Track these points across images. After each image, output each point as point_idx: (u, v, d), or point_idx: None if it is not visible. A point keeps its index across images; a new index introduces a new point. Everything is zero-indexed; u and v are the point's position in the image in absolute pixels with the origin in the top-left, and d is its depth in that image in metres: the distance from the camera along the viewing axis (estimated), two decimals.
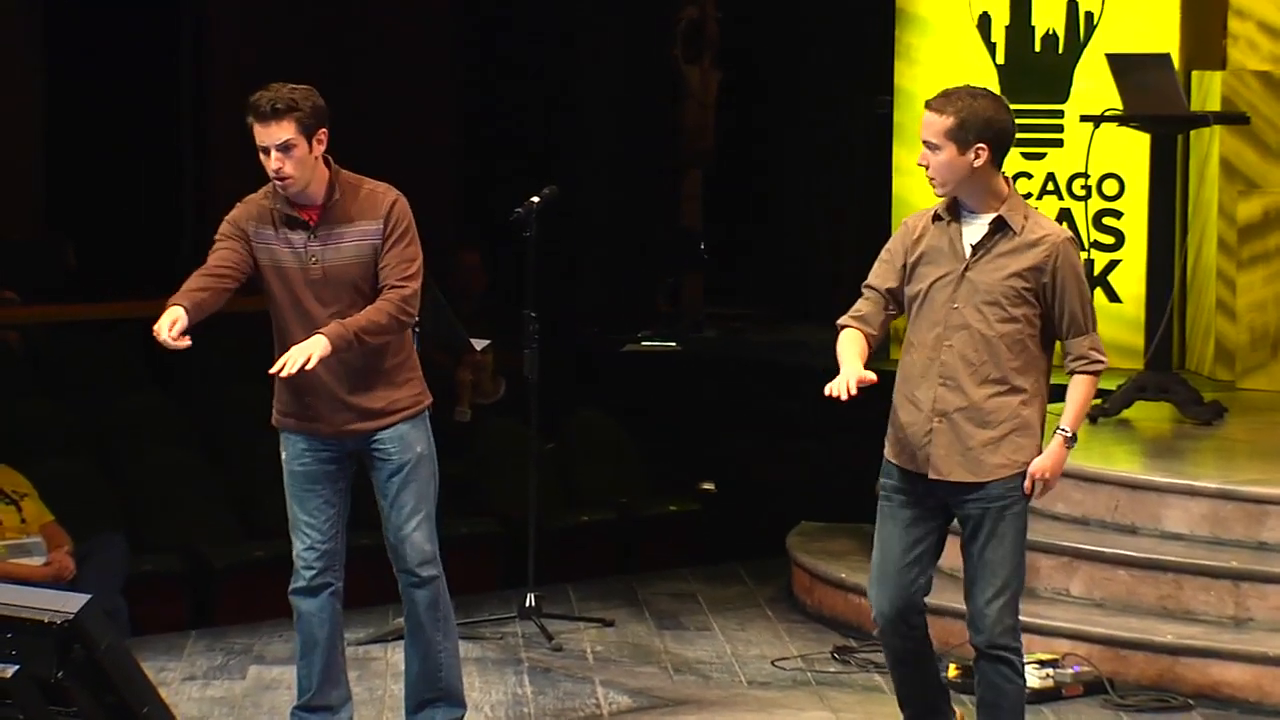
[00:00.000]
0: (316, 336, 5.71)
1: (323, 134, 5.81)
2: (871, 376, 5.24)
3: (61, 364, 10.56)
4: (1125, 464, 7.87)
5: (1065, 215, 10.24)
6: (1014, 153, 10.31)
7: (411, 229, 5.89)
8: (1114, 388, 8.52)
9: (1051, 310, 5.33)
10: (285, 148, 5.75)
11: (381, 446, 5.92)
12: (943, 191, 5.35)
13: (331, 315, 5.79)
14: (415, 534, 5.93)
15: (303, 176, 5.79)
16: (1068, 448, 5.41)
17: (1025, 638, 6.87)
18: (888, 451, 5.45)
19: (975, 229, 5.34)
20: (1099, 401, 8.46)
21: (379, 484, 5.97)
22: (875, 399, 5.41)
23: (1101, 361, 5.40)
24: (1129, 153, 9.70)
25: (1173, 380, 8.54)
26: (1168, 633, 6.85)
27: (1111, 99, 8.58)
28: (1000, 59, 10.37)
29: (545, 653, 7.48)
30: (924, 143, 5.32)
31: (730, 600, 8.32)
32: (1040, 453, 5.39)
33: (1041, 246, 5.30)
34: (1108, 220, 10.16)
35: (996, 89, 10.31)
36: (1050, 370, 5.44)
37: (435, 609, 5.99)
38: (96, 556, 8.16)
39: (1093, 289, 10.04)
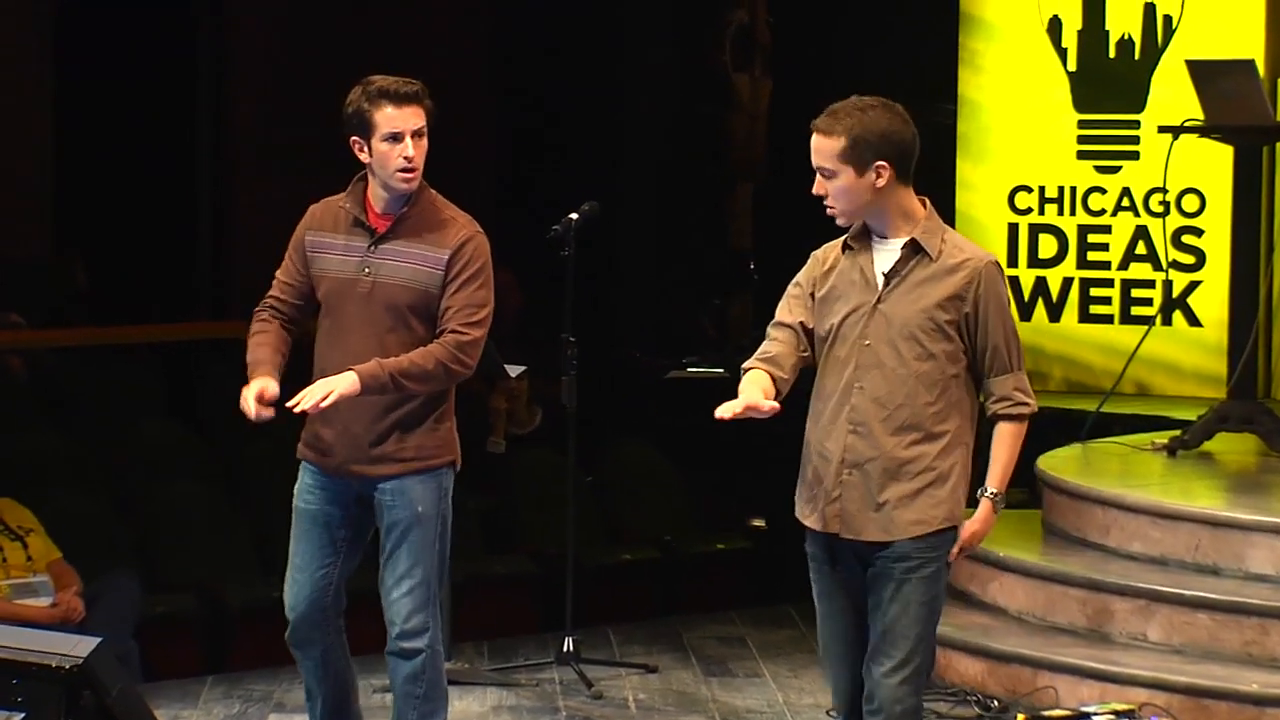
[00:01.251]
0: (347, 372, 5.59)
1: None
2: (772, 405, 5.02)
3: (70, 391, 10.60)
4: (1206, 500, 7.84)
5: (1142, 233, 10.22)
6: (1087, 166, 10.47)
7: (485, 272, 5.74)
8: (1194, 418, 8.49)
9: (974, 343, 5.10)
10: (419, 134, 5.70)
11: (382, 498, 5.78)
12: (845, 220, 5.15)
13: (372, 339, 5.68)
14: (402, 601, 5.77)
15: (419, 175, 5.73)
16: (996, 509, 5.16)
17: (1100, 686, 6.88)
18: (798, 512, 5.26)
19: (887, 256, 5.13)
20: (1178, 433, 8.43)
21: (381, 536, 5.84)
22: None
23: (1027, 404, 5.14)
24: (1210, 166, 9.67)
25: (1258, 410, 8.50)
26: (1253, 681, 6.81)
27: (1192, 108, 8.56)
28: (1072, 66, 10.36)
29: (584, 701, 7.47)
30: (817, 170, 5.11)
31: (782, 645, 8.31)
32: (957, 506, 5.14)
33: (962, 272, 5.09)
34: (1187, 238, 10.13)
35: (1068, 97, 10.39)
36: (977, 415, 5.19)
37: (413, 684, 5.82)
38: (107, 597, 8.17)
39: (1172, 311, 10.12)
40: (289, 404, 5.65)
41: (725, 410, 5.06)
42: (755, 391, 5.09)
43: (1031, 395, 5.17)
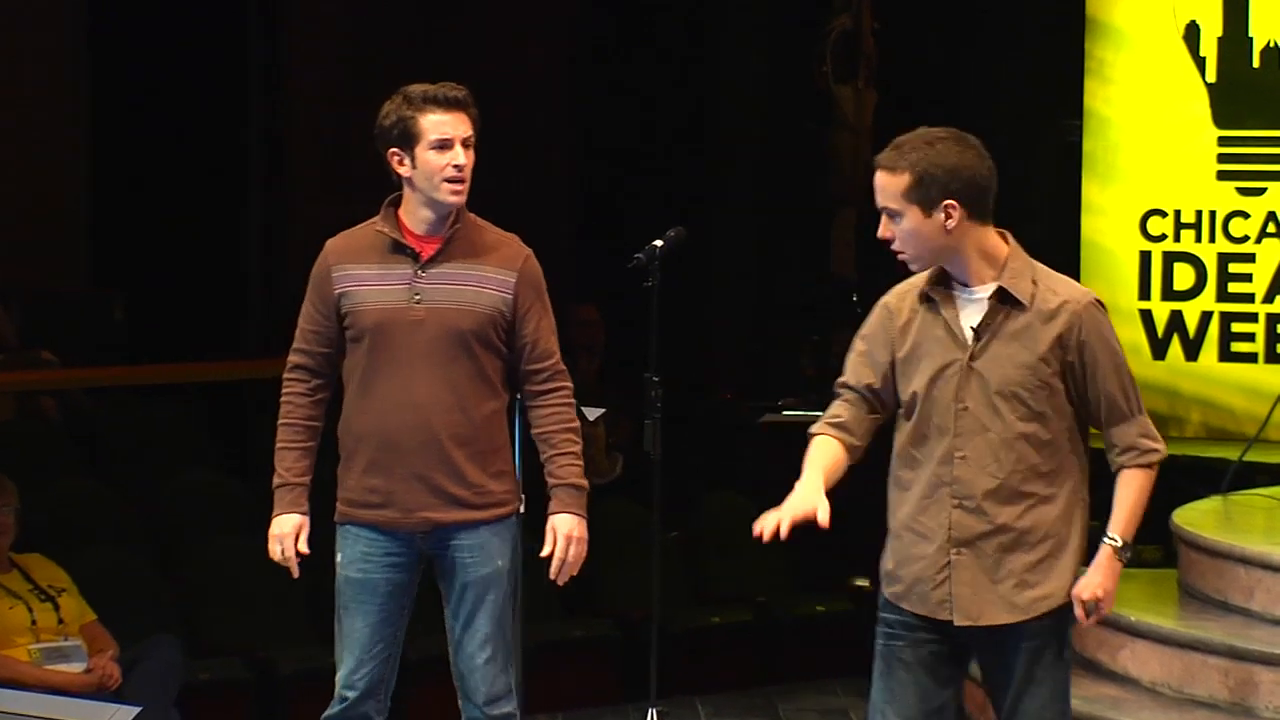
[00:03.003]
0: (560, 516, 5.87)
1: None
2: (819, 517, 4.92)
3: (107, 436, 10.67)
4: None
5: None
6: (1228, 188, 10.41)
7: (545, 292, 5.89)
8: None
9: (1084, 394, 5.02)
10: (468, 144, 5.72)
11: (458, 554, 5.81)
12: (917, 265, 5.10)
13: (435, 371, 5.68)
14: (487, 668, 5.82)
15: (468, 189, 5.75)
16: (1120, 560, 5.07)
17: None
18: (888, 590, 5.19)
19: (974, 307, 5.06)
20: None
21: (449, 597, 5.86)
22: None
23: (1157, 450, 5.07)
24: None
25: None
26: None
27: None
28: (1211, 77, 10.31)
29: None
30: (882, 210, 5.06)
31: None
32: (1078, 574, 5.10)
33: (1061, 317, 5.01)
34: None
35: (1206, 110, 10.34)
36: (1088, 469, 5.12)
37: None
38: (146, 662, 8.22)
39: None
40: (555, 577, 5.84)
41: (768, 526, 4.92)
42: (810, 492, 4.98)
43: (1159, 439, 5.10)
